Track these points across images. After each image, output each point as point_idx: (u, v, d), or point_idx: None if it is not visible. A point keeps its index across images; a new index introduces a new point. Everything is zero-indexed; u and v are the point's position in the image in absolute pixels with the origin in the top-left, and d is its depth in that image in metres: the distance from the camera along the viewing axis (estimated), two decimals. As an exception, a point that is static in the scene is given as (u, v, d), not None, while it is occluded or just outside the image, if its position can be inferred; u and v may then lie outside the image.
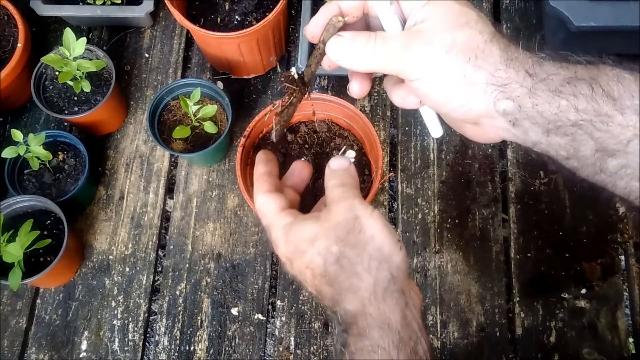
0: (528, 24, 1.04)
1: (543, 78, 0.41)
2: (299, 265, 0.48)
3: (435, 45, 0.42)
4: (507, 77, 0.41)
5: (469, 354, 0.85)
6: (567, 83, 0.40)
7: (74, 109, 0.92)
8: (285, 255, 0.50)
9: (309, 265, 0.47)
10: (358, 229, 0.46)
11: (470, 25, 0.42)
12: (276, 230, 0.50)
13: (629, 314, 0.87)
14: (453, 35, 0.42)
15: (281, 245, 0.50)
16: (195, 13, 0.95)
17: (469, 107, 0.43)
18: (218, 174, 0.96)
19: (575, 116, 0.40)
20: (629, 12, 0.84)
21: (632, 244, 0.90)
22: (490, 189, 0.94)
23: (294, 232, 0.49)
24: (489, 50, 0.42)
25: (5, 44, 0.97)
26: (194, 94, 0.88)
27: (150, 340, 0.89)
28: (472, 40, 0.42)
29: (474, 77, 0.42)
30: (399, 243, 0.47)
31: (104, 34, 1.07)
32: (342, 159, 0.53)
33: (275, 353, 0.86)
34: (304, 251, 0.47)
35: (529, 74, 0.41)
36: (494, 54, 0.42)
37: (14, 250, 0.78)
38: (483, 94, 0.42)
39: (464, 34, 0.42)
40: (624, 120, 0.39)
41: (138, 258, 0.92)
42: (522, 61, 0.42)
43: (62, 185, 0.90)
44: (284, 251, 0.50)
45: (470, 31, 0.42)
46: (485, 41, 0.42)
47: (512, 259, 0.90)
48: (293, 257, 0.49)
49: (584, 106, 0.40)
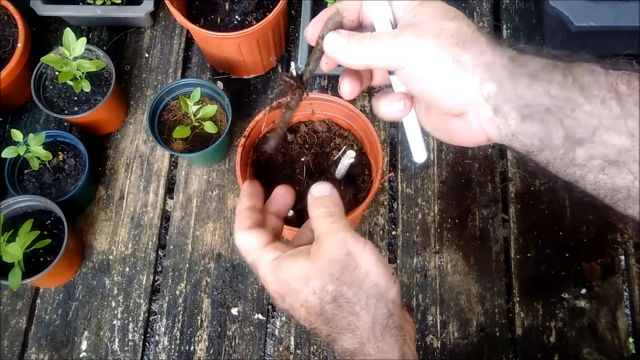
0: (528, 24, 1.04)
1: (523, 63, 0.44)
2: (293, 303, 0.48)
3: (425, 32, 0.45)
4: (492, 59, 0.44)
5: (469, 354, 0.85)
6: (543, 69, 0.44)
7: (74, 109, 0.92)
8: (277, 292, 0.49)
9: (303, 304, 0.47)
10: (353, 265, 0.46)
11: (458, 18, 0.46)
12: (263, 266, 0.50)
13: (629, 314, 0.87)
14: (442, 24, 0.45)
15: (271, 282, 0.49)
16: (195, 13, 0.95)
17: (457, 91, 0.45)
18: (218, 174, 0.96)
19: (548, 101, 0.43)
20: (629, 12, 0.84)
21: (632, 244, 0.90)
22: (490, 189, 0.94)
23: (285, 269, 0.48)
24: (477, 38, 0.45)
25: (5, 44, 0.97)
26: (194, 94, 0.88)
27: (150, 340, 0.89)
28: (461, 29, 0.45)
29: (462, 57, 0.44)
30: (393, 276, 0.47)
31: (104, 34, 1.07)
32: (324, 185, 0.52)
33: (275, 353, 0.86)
34: (298, 290, 0.47)
35: (511, 58, 0.44)
36: (481, 41, 0.45)
37: (14, 250, 0.78)
38: (470, 75, 0.44)
39: (453, 24, 0.45)
40: (590, 108, 0.42)
41: (138, 258, 0.92)
42: (505, 48, 0.45)
43: (62, 185, 0.90)
44: (275, 288, 0.49)
45: (458, 22, 0.45)
46: (473, 31, 0.45)
47: (512, 259, 0.90)
48: (285, 295, 0.49)
49: (557, 92, 0.43)
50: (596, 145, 0.42)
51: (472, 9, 1.05)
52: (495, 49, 0.44)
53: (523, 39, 1.03)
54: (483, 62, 0.44)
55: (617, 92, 0.41)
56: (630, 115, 0.41)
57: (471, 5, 1.06)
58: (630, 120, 0.41)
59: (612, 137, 0.42)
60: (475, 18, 1.04)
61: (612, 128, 0.41)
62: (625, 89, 0.41)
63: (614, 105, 0.41)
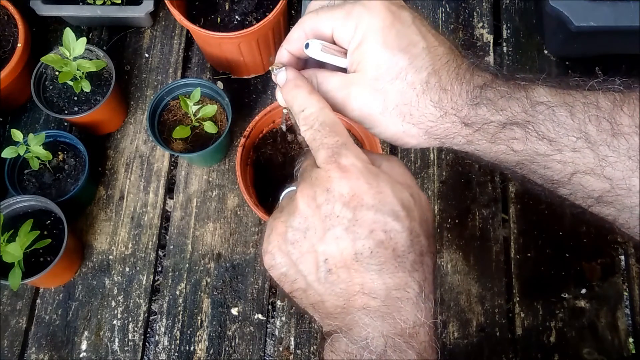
0: (528, 24, 1.04)
1: (479, 127, 0.41)
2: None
3: (371, 105, 0.42)
4: (444, 130, 0.42)
5: (469, 354, 0.85)
6: (502, 128, 0.41)
7: (74, 109, 0.92)
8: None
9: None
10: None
11: (400, 78, 0.41)
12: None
13: (629, 314, 0.87)
14: (385, 93, 0.41)
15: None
16: (195, 13, 0.95)
17: (419, 146, 0.44)
18: (218, 174, 0.96)
19: (515, 157, 0.41)
20: (629, 12, 0.84)
21: (632, 244, 0.90)
22: (490, 189, 0.94)
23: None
24: (423, 105, 0.41)
25: (5, 44, 0.97)
26: (194, 94, 0.88)
27: (150, 340, 0.89)
28: (404, 97, 0.41)
29: (412, 132, 0.42)
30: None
31: (104, 34, 1.07)
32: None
33: (275, 353, 0.86)
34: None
35: (465, 124, 0.41)
36: (428, 108, 0.41)
37: (14, 250, 0.78)
38: (427, 140, 0.43)
39: (395, 91, 0.41)
40: (562, 157, 0.40)
41: (138, 258, 0.92)
42: (457, 111, 0.41)
43: (62, 185, 0.90)
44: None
45: (401, 86, 0.41)
46: (417, 94, 0.41)
47: (512, 259, 0.90)
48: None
49: (522, 148, 0.41)
50: (575, 187, 0.42)
51: (472, 9, 1.05)
52: (444, 118, 0.41)
53: (523, 39, 1.03)
54: (435, 133, 0.42)
55: (587, 137, 0.39)
56: (605, 162, 0.39)
57: (471, 5, 1.06)
58: (606, 167, 0.39)
59: (590, 182, 0.41)
60: (475, 18, 1.04)
61: (589, 173, 0.40)
62: (595, 131, 0.39)
63: (587, 153, 0.40)
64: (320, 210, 0.37)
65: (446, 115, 0.41)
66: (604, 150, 0.39)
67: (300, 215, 0.38)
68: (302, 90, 0.43)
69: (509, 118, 0.40)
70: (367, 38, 0.41)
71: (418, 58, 0.41)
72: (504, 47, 1.03)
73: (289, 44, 0.46)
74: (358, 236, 0.36)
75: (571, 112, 0.40)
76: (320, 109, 0.42)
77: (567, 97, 0.41)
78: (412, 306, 0.36)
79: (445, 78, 0.41)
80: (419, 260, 0.37)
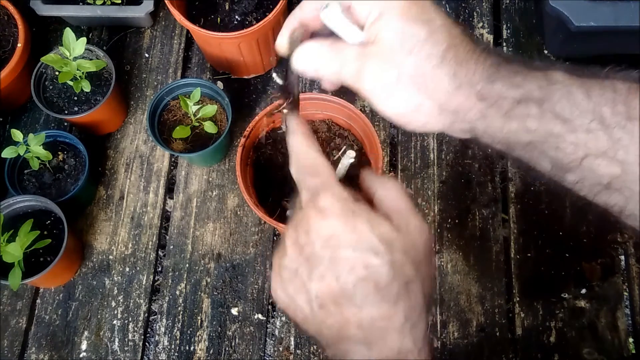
0: (528, 24, 1.04)
1: (494, 102, 0.41)
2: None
3: (385, 75, 0.42)
4: (458, 103, 0.41)
5: (469, 354, 0.85)
6: (517, 104, 0.40)
7: (74, 109, 0.92)
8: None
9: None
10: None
11: (417, 49, 0.41)
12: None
13: (629, 314, 0.87)
14: (401, 64, 0.41)
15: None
16: (195, 13, 0.95)
17: (428, 127, 0.44)
18: (218, 174, 0.96)
19: (527, 136, 0.41)
20: (629, 12, 0.84)
21: (632, 244, 0.90)
22: (490, 189, 0.94)
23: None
24: (438, 78, 0.41)
25: (5, 44, 0.97)
26: (194, 94, 0.88)
27: (150, 340, 0.89)
28: (420, 68, 0.41)
29: (425, 105, 0.42)
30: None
31: (104, 34, 1.07)
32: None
33: (275, 353, 0.86)
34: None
35: (480, 98, 0.41)
36: (443, 82, 0.41)
37: (14, 250, 0.78)
38: (437, 117, 0.43)
39: (411, 62, 0.41)
40: (575, 139, 0.40)
41: (138, 258, 0.92)
42: (472, 84, 0.41)
43: (62, 185, 0.90)
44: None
45: (417, 57, 0.41)
46: (433, 67, 0.41)
47: (512, 259, 0.90)
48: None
49: (535, 126, 0.40)
50: (585, 172, 0.41)
51: (472, 9, 1.05)
52: (459, 90, 0.41)
53: (523, 39, 1.03)
54: (449, 107, 0.42)
55: (602, 119, 0.39)
56: (618, 145, 0.39)
57: (471, 5, 1.06)
58: (619, 150, 0.39)
59: (601, 166, 0.40)
60: (475, 18, 1.04)
61: (600, 157, 0.40)
62: (610, 113, 0.39)
63: (601, 135, 0.39)
64: (303, 251, 0.39)
65: (461, 88, 0.41)
66: (618, 133, 0.39)
67: (288, 256, 0.40)
68: (295, 136, 0.46)
69: (524, 95, 0.40)
70: (387, 11, 0.42)
71: (436, 32, 0.41)
72: (504, 47, 1.03)
73: (302, 10, 0.46)
74: (340, 273, 0.38)
75: (587, 94, 0.40)
76: (304, 152, 0.44)
77: (584, 79, 0.41)
78: (397, 335, 0.38)
79: (461, 54, 0.41)
80: (403, 290, 0.38)
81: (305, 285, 0.39)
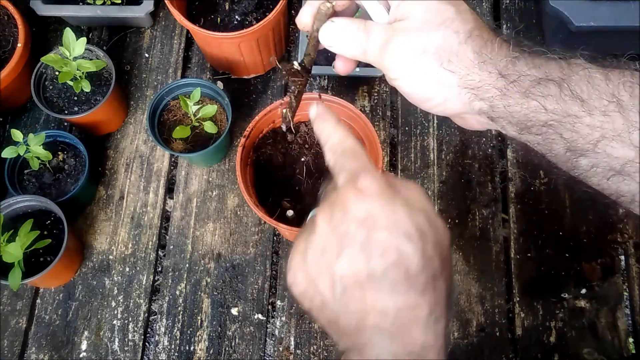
0: (528, 24, 1.04)
1: (514, 79, 0.42)
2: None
3: (411, 47, 0.43)
4: (480, 79, 0.42)
5: (469, 354, 0.85)
6: (537, 84, 0.41)
7: (74, 109, 0.92)
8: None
9: None
10: None
11: (446, 25, 0.43)
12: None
13: (629, 314, 0.87)
14: (428, 37, 0.43)
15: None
16: (195, 13, 0.95)
17: (446, 105, 0.45)
18: (218, 174, 0.96)
19: (545, 116, 0.42)
20: (629, 12, 0.84)
21: (632, 244, 0.90)
22: (490, 189, 0.94)
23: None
24: (463, 52, 0.43)
25: (5, 44, 0.97)
26: (194, 94, 0.88)
27: (150, 340, 0.89)
28: (447, 42, 0.43)
29: (447, 79, 0.43)
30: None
31: (104, 34, 1.07)
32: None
33: (275, 353, 0.86)
34: None
35: (502, 75, 0.42)
36: (467, 56, 0.43)
37: (14, 250, 0.78)
38: (458, 95, 0.44)
39: (438, 36, 0.43)
40: (591, 121, 0.40)
41: (138, 258, 0.92)
42: (495, 62, 0.42)
43: (62, 185, 0.90)
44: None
45: (445, 32, 0.43)
46: (460, 42, 0.43)
47: (512, 259, 0.90)
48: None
49: (553, 107, 0.41)
50: (599, 156, 0.41)
51: (472, 8, 1.05)
52: (482, 66, 0.42)
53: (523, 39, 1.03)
54: (470, 83, 0.43)
55: (620, 102, 0.40)
56: (634, 128, 0.40)
57: (471, 5, 1.05)
58: (634, 132, 0.39)
59: (616, 149, 0.40)
60: (475, 18, 1.04)
61: (615, 139, 0.40)
62: (628, 97, 0.40)
63: (617, 117, 0.40)
64: (336, 230, 0.38)
65: (484, 64, 0.42)
66: (634, 116, 0.40)
67: (318, 234, 0.39)
68: (328, 123, 0.45)
69: (545, 74, 0.41)
70: None
71: (464, 12, 0.44)
72: (504, 47, 1.02)
73: None
74: (371, 256, 0.36)
75: (607, 77, 0.41)
76: (342, 139, 0.44)
77: (604, 62, 0.42)
78: (421, 327, 0.37)
79: (486, 35, 0.43)
80: (431, 282, 0.37)
81: (331, 266, 0.38)
